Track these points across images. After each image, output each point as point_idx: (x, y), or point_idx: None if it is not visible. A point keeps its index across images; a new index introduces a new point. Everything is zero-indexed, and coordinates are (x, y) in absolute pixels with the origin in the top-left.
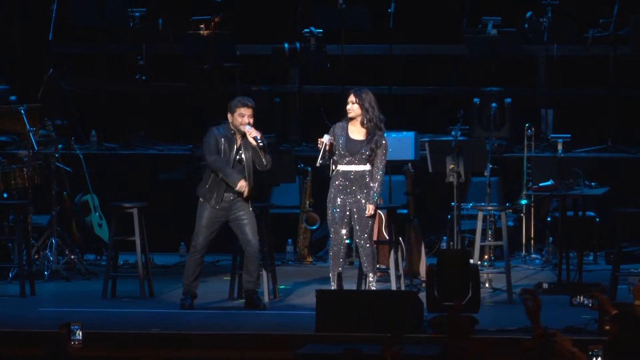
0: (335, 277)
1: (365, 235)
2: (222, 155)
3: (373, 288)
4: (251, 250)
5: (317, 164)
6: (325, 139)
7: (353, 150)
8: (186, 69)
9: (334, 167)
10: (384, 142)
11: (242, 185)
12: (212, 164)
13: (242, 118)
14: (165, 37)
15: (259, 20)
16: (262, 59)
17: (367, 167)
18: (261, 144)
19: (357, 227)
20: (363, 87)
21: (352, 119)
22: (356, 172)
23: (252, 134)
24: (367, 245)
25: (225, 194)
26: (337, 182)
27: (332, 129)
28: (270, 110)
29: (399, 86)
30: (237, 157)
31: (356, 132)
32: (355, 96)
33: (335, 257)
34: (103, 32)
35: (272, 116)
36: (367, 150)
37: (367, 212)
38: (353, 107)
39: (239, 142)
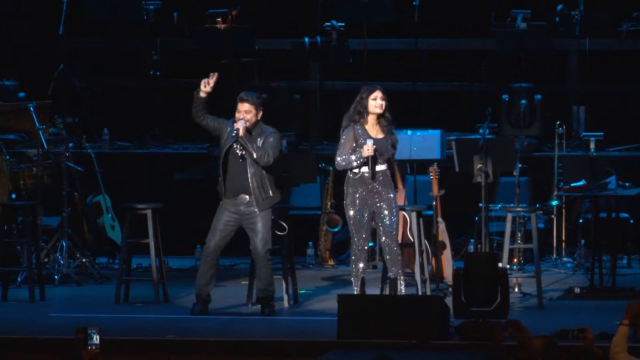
0: (359, 282)
1: (391, 237)
2: (220, 147)
3: (403, 292)
4: (256, 257)
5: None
6: (369, 143)
7: (381, 150)
8: (202, 64)
9: (356, 170)
10: (396, 138)
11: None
12: None
13: (238, 114)
14: (181, 31)
15: (278, 14)
16: (281, 54)
17: (385, 166)
18: (233, 133)
19: (381, 229)
20: (373, 84)
21: (362, 118)
22: (380, 172)
23: (236, 125)
24: (393, 247)
25: (240, 196)
26: (361, 184)
27: (351, 131)
28: (290, 108)
29: (424, 82)
30: (238, 152)
31: (375, 131)
32: (383, 93)
33: (358, 261)
34: (116, 26)
35: (291, 114)
36: (391, 150)
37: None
38: (383, 104)
39: (240, 142)
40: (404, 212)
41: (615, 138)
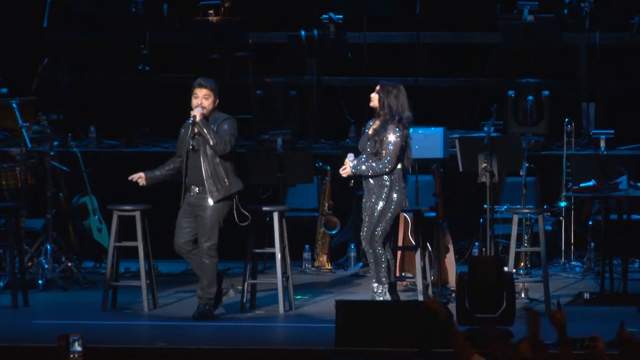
0: (386, 288)
1: (369, 238)
2: (180, 144)
3: (379, 299)
4: (199, 252)
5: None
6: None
7: (362, 145)
8: (193, 58)
9: None
10: (388, 135)
11: (134, 177)
12: None
13: (196, 99)
14: (171, 24)
15: (274, 6)
16: (276, 48)
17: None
18: (189, 120)
19: (364, 228)
20: (395, 82)
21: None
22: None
23: (193, 113)
24: (370, 248)
25: (192, 188)
26: (363, 185)
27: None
28: (286, 104)
29: (426, 77)
30: (190, 146)
31: (374, 126)
32: (381, 87)
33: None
34: (103, 19)
35: (287, 110)
36: (371, 143)
37: (343, 168)
38: (372, 96)
39: (196, 129)
40: (404, 214)
41: (627, 136)
